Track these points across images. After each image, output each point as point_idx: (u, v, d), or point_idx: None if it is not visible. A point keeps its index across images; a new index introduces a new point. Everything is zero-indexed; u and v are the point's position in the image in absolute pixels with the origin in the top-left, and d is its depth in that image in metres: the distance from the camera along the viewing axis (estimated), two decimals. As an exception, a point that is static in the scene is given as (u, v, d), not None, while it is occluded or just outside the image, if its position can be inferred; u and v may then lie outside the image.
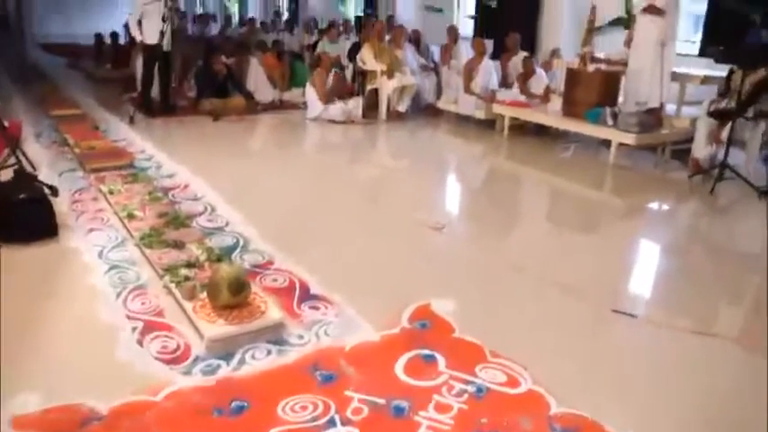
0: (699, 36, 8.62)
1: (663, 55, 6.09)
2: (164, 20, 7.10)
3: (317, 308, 2.88)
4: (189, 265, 3.16)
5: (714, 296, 3.40)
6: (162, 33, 7.08)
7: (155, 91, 7.70)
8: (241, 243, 3.60)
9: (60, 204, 4.03)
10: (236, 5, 20.96)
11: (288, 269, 3.26)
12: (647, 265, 3.97)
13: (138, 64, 7.93)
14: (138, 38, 7.34)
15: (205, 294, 2.76)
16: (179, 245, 3.42)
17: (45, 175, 4.72)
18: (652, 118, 6.09)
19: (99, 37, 12.81)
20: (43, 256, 3.37)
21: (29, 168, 4.73)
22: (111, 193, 4.35)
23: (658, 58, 6.08)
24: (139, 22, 7.26)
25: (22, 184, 3.76)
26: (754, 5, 7.06)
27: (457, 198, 5.50)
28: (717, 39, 8.06)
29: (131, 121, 7.00)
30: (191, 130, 7.00)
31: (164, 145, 6.01)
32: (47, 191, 3.92)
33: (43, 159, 5.30)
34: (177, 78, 7.68)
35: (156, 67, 7.47)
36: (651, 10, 6.06)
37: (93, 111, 7.78)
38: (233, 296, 2.65)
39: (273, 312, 2.72)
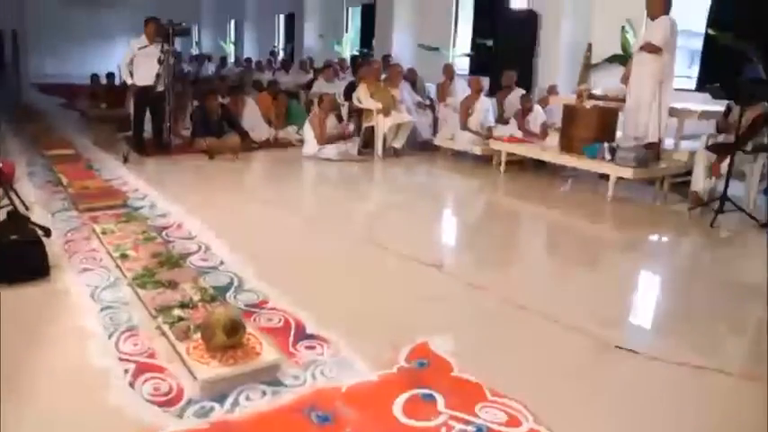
0: (694, 70, 8.76)
1: (660, 91, 6.11)
2: (160, 62, 7.14)
3: (312, 347, 2.78)
4: (182, 305, 3.07)
5: (718, 330, 3.33)
6: (158, 76, 7.11)
7: (149, 130, 7.70)
8: (235, 282, 3.51)
9: (53, 245, 3.94)
10: (232, 46, 21.23)
11: (283, 308, 3.16)
12: (649, 299, 3.90)
13: (132, 104, 7.94)
14: (129, 81, 7.41)
15: (199, 335, 2.66)
16: (172, 285, 3.33)
17: (38, 214, 4.65)
18: (650, 152, 6.09)
19: (95, 77, 12.88)
20: (35, 298, 3.27)
21: (21, 208, 4.65)
22: (104, 233, 4.27)
23: (656, 94, 6.11)
24: (131, 63, 7.33)
25: (14, 225, 3.69)
26: (750, 42, 7.19)
27: (455, 234, 5.44)
28: (713, 74, 8.18)
29: (125, 160, 6.97)
30: (185, 169, 6.97)
31: (158, 184, 5.95)
32: (40, 232, 3.84)
33: (36, 199, 5.23)
34: (172, 117, 7.66)
35: (149, 108, 7.50)
36: (648, 48, 6.10)
37: (87, 150, 7.75)
38: (228, 338, 2.56)
39: (268, 353, 2.63)
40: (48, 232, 4.00)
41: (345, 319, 3.08)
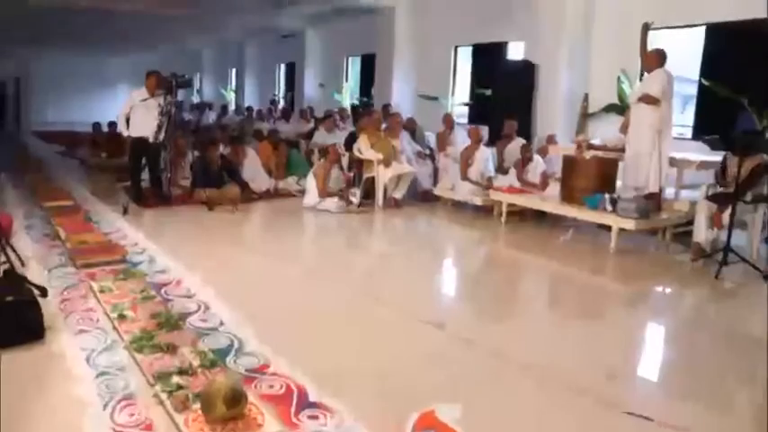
0: (687, 115, 8.86)
1: (659, 141, 6.14)
2: (161, 114, 7.19)
3: (316, 417, 2.69)
4: (181, 371, 2.98)
5: (726, 387, 3.27)
6: (158, 127, 7.15)
7: (147, 179, 7.70)
8: (236, 345, 3.43)
9: (49, 304, 3.86)
10: (233, 94, 21.47)
11: (285, 374, 3.07)
12: (655, 355, 3.85)
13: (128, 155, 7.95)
14: (125, 133, 7.46)
15: (198, 405, 2.58)
16: (171, 349, 3.25)
17: (34, 271, 4.59)
18: (651, 203, 6.08)
19: (96, 125, 12.98)
20: (28, 362, 3.18)
21: (18, 264, 4.60)
22: (101, 291, 4.20)
23: (655, 144, 6.13)
24: (129, 114, 7.41)
25: (10, 285, 3.62)
26: (743, 93, 7.28)
27: (457, 290, 5.36)
28: (709, 122, 8.26)
29: (124, 211, 6.94)
30: (185, 221, 6.93)
31: (157, 237, 5.91)
32: (36, 292, 3.77)
33: (33, 254, 5.17)
34: (172, 167, 7.68)
35: (145, 159, 7.51)
36: (646, 99, 6.16)
37: (86, 201, 7.73)
38: (228, 409, 2.48)
39: (271, 425, 2.54)
40: (44, 292, 3.92)
41: (349, 385, 3.00)
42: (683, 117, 9.08)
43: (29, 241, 5.63)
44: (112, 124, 12.84)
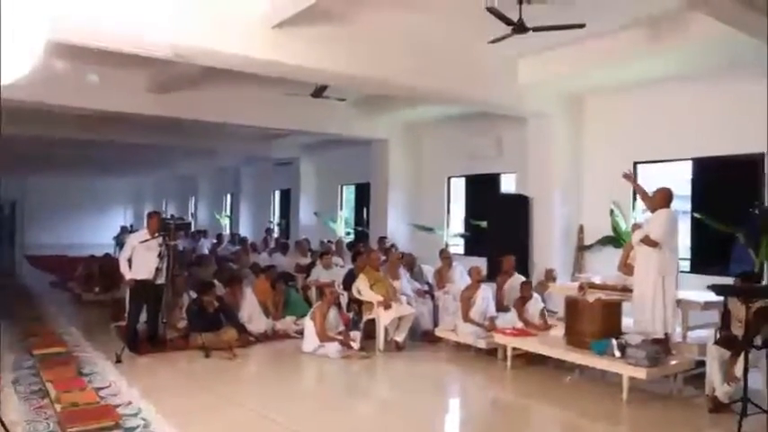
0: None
1: (664, 285, 6.10)
2: (160, 256, 7.16)
3: None
4: None
5: None
6: (158, 270, 7.11)
7: (142, 320, 7.55)
8: None
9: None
10: (228, 219, 21.64)
11: None
12: None
13: (128, 298, 7.83)
14: (128, 276, 7.39)
15: None
16: None
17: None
18: (660, 348, 5.95)
19: (90, 258, 12.91)
20: None
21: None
22: (93, 468, 3.95)
23: (660, 288, 6.09)
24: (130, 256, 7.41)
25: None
26: (736, 225, 7.41)
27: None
28: (705, 255, 8.34)
29: (118, 359, 6.72)
30: (181, 370, 6.70)
31: (152, 392, 5.65)
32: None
33: (19, 417, 4.91)
34: (168, 309, 7.53)
35: (146, 301, 7.41)
36: (647, 242, 6.18)
37: (78, 347, 7.49)
38: None
39: None
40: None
41: None
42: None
43: (16, 400, 5.38)
44: (107, 256, 12.89)
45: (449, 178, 12.49)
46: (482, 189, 11.65)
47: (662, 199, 6.34)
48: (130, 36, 5.87)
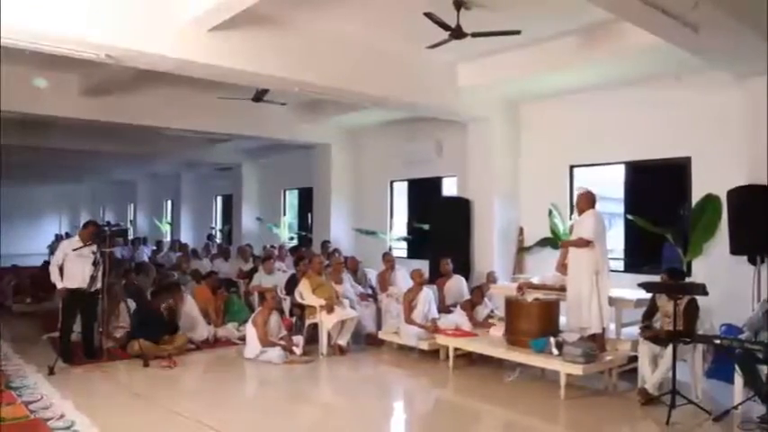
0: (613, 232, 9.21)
1: (598, 282, 6.30)
2: (95, 264, 6.95)
3: None
4: None
5: None
6: (93, 278, 6.89)
7: (77, 330, 7.29)
8: None
9: None
10: (168, 226, 21.14)
11: None
12: None
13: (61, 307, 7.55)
14: (59, 284, 7.13)
15: None
16: None
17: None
18: (595, 344, 6.14)
19: (15, 268, 12.42)
20: None
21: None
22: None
23: (594, 285, 6.28)
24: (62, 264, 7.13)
25: None
26: (666, 225, 7.73)
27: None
28: (637, 254, 8.66)
29: (51, 371, 6.47)
30: (118, 381, 6.51)
31: (86, 404, 5.44)
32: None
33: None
34: (104, 317, 7.29)
35: (80, 311, 7.17)
36: (581, 243, 6.38)
37: (7, 360, 7.15)
38: None
39: None
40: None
41: None
42: (612, 235, 9.44)
43: (-64, 420, 5.11)
44: (47, 264, 12.37)
45: (391, 182, 12.55)
46: (424, 192, 11.76)
47: (586, 201, 6.58)
48: (60, 37, 5.66)
